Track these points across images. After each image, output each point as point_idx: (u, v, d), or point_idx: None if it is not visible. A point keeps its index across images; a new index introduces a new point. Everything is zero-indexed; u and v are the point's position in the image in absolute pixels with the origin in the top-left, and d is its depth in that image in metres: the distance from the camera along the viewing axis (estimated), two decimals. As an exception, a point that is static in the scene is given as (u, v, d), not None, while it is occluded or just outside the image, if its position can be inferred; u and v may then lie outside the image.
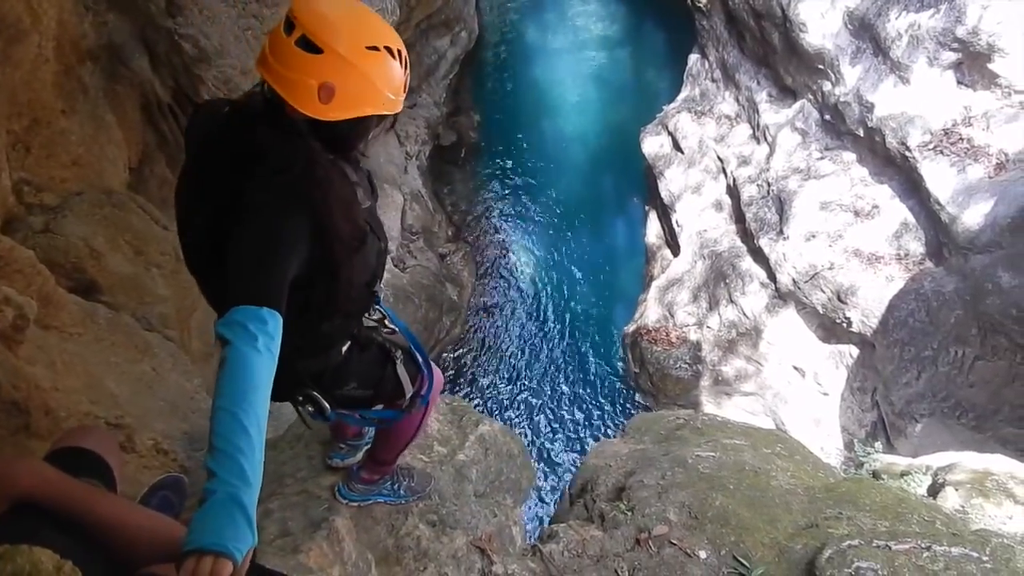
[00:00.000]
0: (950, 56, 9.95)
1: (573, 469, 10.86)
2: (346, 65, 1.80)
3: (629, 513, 3.72)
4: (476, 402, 12.81)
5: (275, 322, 1.73)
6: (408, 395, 2.60)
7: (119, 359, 4.57)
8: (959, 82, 10.10)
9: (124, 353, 4.67)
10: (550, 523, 4.37)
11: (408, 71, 1.95)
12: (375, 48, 1.84)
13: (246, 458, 1.55)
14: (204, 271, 2.14)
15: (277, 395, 2.37)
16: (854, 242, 10.62)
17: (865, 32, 10.91)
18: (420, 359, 2.60)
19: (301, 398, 2.32)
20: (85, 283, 4.80)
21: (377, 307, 2.51)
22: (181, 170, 2.12)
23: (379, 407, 2.59)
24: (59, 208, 4.87)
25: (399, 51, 1.90)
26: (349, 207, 2.03)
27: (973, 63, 9.76)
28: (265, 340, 1.68)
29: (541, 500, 11.60)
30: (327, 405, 2.32)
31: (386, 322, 2.57)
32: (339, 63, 1.79)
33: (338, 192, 1.98)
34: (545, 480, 12.05)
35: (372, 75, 1.84)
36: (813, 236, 10.94)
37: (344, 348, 2.37)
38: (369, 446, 3.26)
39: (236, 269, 1.79)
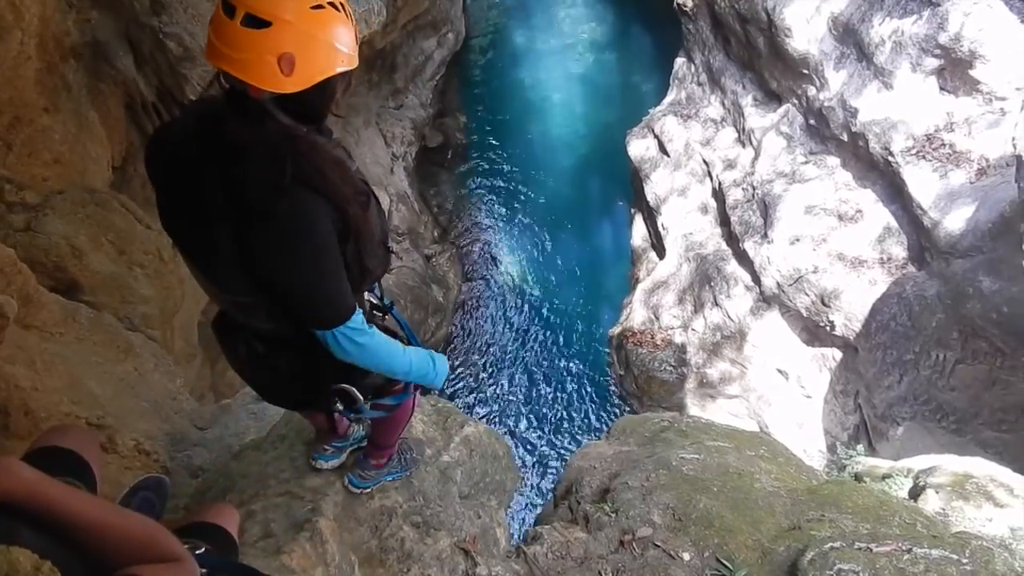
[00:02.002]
0: (933, 62, 10.04)
1: (558, 470, 10.87)
2: (298, 30, 1.76)
3: (613, 515, 3.72)
4: (461, 403, 12.80)
5: (360, 315, 2.08)
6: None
7: (101, 359, 4.53)
8: (941, 88, 10.19)
9: (106, 353, 4.63)
10: (535, 525, 4.36)
11: (353, 20, 1.91)
12: (319, 7, 1.79)
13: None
14: (224, 278, 2.09)
15: (310, 398, 2.47)
16: (838, 246, 10.68)
17: (849, 37, 10.99)
18: (410, 339, 2.63)
19: (332, 396, 2.37)
20: (67, 282, 4.76)
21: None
22: (162, 202, 2.08)
23: (390, 396, 2.62)
24: (41, 206, 4.83)
25: (341, 3, 1.85)
26: (344, 169, 2.04)
27: (955, 69, 9.85)
28: (369, 328, 2.11)
29: (527, 502, 11.59)
30: (360, 396, 2.39)
31: (376, 307, 2.58)
32: (291, 30, 1.75)
33: (327, 157, 1.98)
34: (530, 482, 12.06)
35: (325, 34, 1.80)
36: (797, 240, 11.00)
37: None
38: (353, 447, 3.26)
39: (313, 296, 1.98)
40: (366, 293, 2.46)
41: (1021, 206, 7.92)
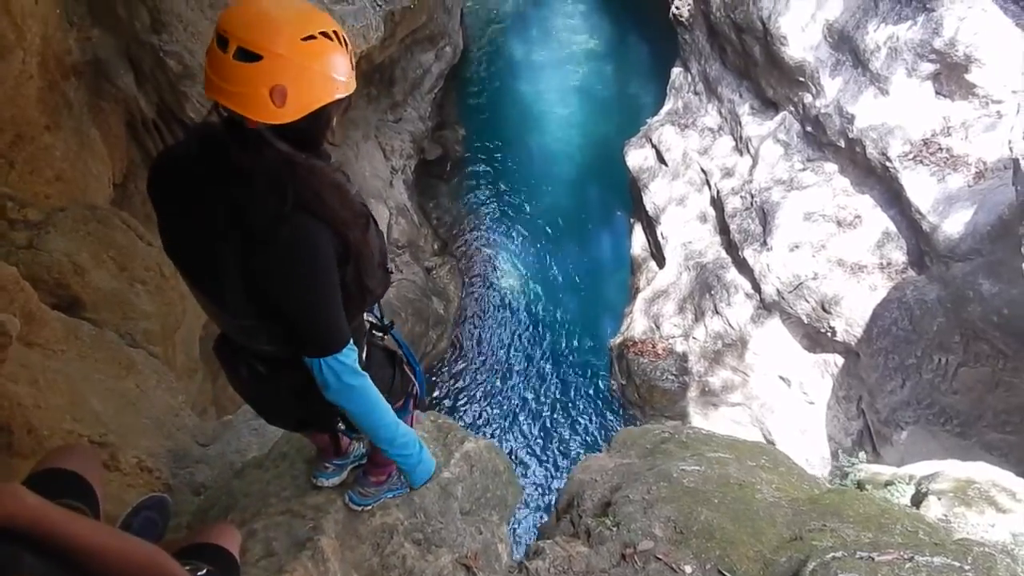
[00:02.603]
0: (928, 67, 10.08)
1: (560, 484, 10.85)
2: (289, 63, 1.77)
3: (615, 528, 3.72)
4: (462, 416, 12.79)
5: (354, 351, 2.09)
6: (415, 394, 2.75)
7: (103, 376, 4.55)
8: (937, 92, 10.22)
9: (108, 370, 4.65)
10: (536, 539, 4.36)
11: (349, 48, 1.93)
12: (311, 37, 1.80)
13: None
14: (226, 300, 2.11)
15: (315, 421, 2.50)
16: (837, 252, 10.70)
17: (844, 44, 11.03)
18: (408, 358, 2.66)
19: (337, 416, 2.40)
20: (69, 299, 4.78)
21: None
22: (164, 225, 2.10)
23: None
24: (43, 224, 4.86)
25: (335, 32, 1.86)
26: (342, 193, 2.06)
27: (951, 74, 9.88)
28: (359, 370, 2.13)
29: (528, 516, 11.57)
30: None
31: (375, 328, 2.60)
32: (281, 63, 1.76)
33: (326, 181, 2.00)
34: (532, 495, 12.03)
35: (317, 64, 1.82)
36: (797, 246, 11.02)
37: (365, 353, 2.42)
38: (354, 464, 3.27)
39: (308, 320, 2.02)
40: (366, 313, 2.48)
41: (1019, 209, 7.94)
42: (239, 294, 1.98)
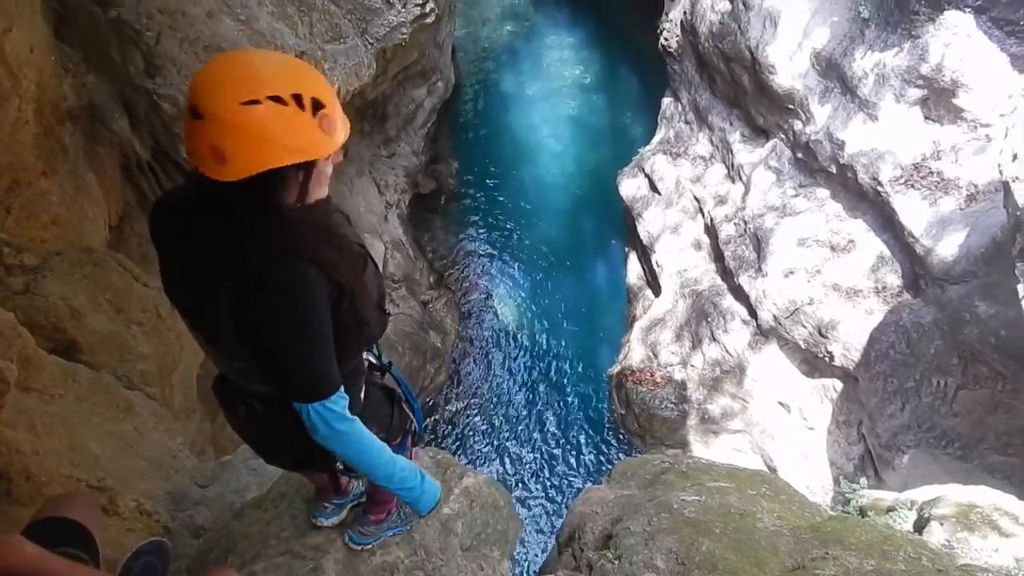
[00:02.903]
0: (916, 92, 10.19)
1: (561, 516, 10.77)
2: (224, 124, 1.76)
3: (616, 561, 3.70)
4: (461, 449, 12.73)
5: (344, 397, 2.10)
6: (413, 431, 2.77)
7: (101, 419, 4.54)
8: (926, 117, 10.33)
9: (106, 413, 4.64)
10: (539, 574, 4.33)
11: (326, 114, 1.88)
12: (255, 102, 1.77)
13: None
14: (223, 342, 2.12)
15: (312, 461, 2.49)
16: (832, 277, 10.73)
17: (832, 72, 11.16)
18: (407, 395, 2.68)
19: (332, 457, 2.36)
20: (66, 343, 4.79)
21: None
22: (165, 266, 2.13)
23: None
24: (39, 268, 4.88)
25: (295, 96, 1.81)
26: (339, 238, 2.09)
27: (939, 99, 9.99)
28: (350, 415, 2.13)
29: (530, 550, 11.47)
30: None
31: (375, 367, 2.62)
32: (216, 124, 1.76)
33: (326, 227, 2.04)
34: (533, 529, 11.94)
35: (257, 129, 1.79)
36: (791, 272, 11.05)
37: (363, 392, 2.43)
38: (353, 503, 3.26)
39: (297, 365, 2.02)
40: (365, 353, 2.49)
41: (1012, 230, 7.99)
42: (235, 335, 1.99)
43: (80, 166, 5.66)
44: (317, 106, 1.86)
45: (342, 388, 2.09)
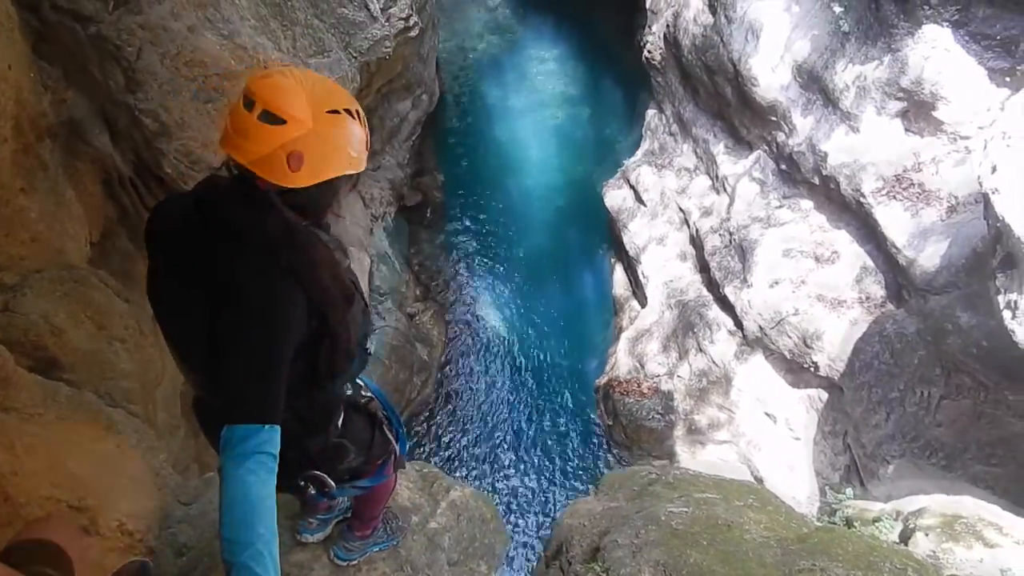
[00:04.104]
0: (897, 105, 10.29)
1: (548, 529, 10.73)
2: (310, 131, 1.84)
3: (604, 575, 3.69)
4: (447, 462, 12.67)
5: (275, 436, 1.84)
6: (395, 455, 2.73)
7: (82, 438, 4.48)
8: (907, 129, 10.42)
9: (87, 432, 4.59)
10: (526, 588, 4.32)
11: (367, 128, 2.00)
12: (335, 111, 1.89)
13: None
14: (195, 356, 2.09)
15: (281, 485, 2.40)
16: (816, 287, 10.78)
17: (814, 84, 11.26)
18: (392, 418, 2.67)
19: (303, 482, 2.33)
20: (46, 361, 4.73)
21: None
22: (150, 269, 2.12)
23: (367, 479, 2.61)
24: (18, 286, 4.83)
25: (356, 111, 1.96)
26: (335, 269, 2.08)
27: (919, 111, 10.09)
28: (262, 458, 1.80)
29: (517, 564, 11.41)
30: (332, 482, 2.36)
31: (362, 390, 2.60)
32: (303, 130, 1.83)
33: (322, 256, 2.03)
34: (521, 542, 11.88)
35: (336, 137, 1.89)
36: (776, 283, 11.10)
37: (341, 419, 2.40)
38: (339, 518, 3.24)
39: (236, 382, 1.87)
40: (348, 388, 2.48)
41: (991, 242, 8.05)
42: (202, 347, 1.97)
43: (60, 183, 5.60)
44: (365, 123, 2.01)
45: (275, 427, 1.86)
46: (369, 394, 2.62)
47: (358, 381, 2.57)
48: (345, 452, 2.41)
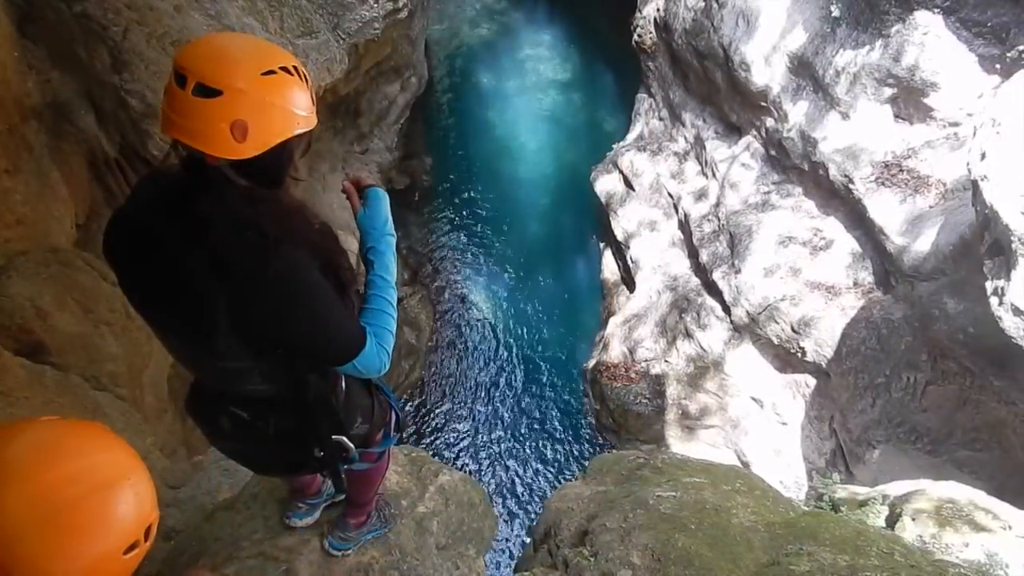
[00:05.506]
0: (887, 91, 10.29)
1: (537, 513, 10.78)
2: (249, 97, 1.77)
3: (592, 558, 3.70)
4: (436, 447, 12.69)
5: (372, 343, 2.09)
6: (393, 422, 2.73)
7: (68, 422, 4.44)
8: (897, 116, 10.43)
9: (73, 415, 4.55)
10: (514, 572, 4.33)
11: (310, 83, 1.93)
12: (271, 72, 1.81)
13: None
14: (209, 343, 2.05)
15: (303, 459, 2.42)
16: (805, 273, 10.81)
17: (805, 70, 11.24)
18: (382, 386, 2.66)
19: (321, 451, 2.35)
20: (32, 344, 4.68)
21: None
22: (123, 283, 2.07)
23: (375, 446, 2.63)
24: (4, 269, 4.77)
25: (294, 67, 1.87)
26: (308, 215, 2.09)
27: (909, 98, 10.10)
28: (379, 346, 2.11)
29: (505, 548, 11.47)
30: (352, 445, 2.38)
31: None
32: (242, 97, 1.76)
33: (294, 207, 2.04)
34: (509, 526, 11.93)
35: (277, 99, 1.82)
36: (764, 269, 11.12)
37: (343, 382, 2.38)
38: (327, 502, 3.23)
39: (324, 339, 2.01)
40: None
41: (980, 229, 8.08)
42: (230, 338, 1.93)
43: (45, 164, 5.53)
44: (307, 78, 1.92)
45: (368, 329, 2.09)
46: None
47: None
48: (352, 416, 2.41)
